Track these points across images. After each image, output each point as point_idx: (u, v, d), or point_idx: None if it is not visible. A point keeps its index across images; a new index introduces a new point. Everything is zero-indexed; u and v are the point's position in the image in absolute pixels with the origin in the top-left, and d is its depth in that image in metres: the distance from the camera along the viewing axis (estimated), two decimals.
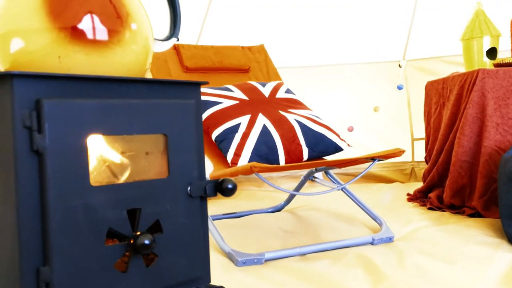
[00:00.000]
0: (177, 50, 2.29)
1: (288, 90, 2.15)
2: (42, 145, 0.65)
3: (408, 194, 2.44)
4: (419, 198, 2.30)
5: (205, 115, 1.91)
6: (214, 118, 1.90)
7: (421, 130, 2.59)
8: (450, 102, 2.13)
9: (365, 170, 1.70)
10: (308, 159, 1.92)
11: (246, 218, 2.15)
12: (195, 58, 2.29)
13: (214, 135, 1.86)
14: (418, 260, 1.43)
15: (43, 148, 0.65)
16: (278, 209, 2.30)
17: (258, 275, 1.37)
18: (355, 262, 1.46)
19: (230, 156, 1.77)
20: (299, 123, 1.92)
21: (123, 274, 0.72)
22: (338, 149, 1.96)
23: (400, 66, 3.02)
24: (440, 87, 2.27)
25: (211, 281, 0.86)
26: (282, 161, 1.83)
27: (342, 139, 1.98)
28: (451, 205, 2.07)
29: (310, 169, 2.02)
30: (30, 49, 0.74)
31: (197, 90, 0.82)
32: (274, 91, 2.09)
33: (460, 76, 2.10)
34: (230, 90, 2.03)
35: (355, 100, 3.01)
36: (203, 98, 1.94)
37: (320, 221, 2.01)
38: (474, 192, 1.98)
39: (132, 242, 0.72)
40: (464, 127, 1.99)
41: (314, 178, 2.13)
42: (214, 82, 2.26)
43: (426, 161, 2.39)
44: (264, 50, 2.48)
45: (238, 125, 1.86)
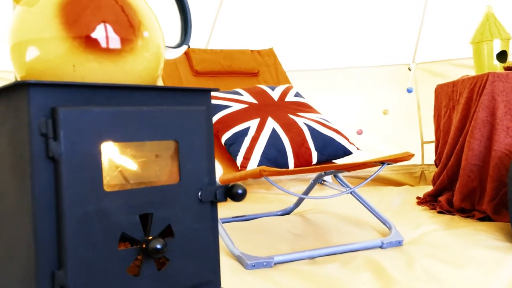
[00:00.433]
0: (187, 54, 2.31)
1: (297, 94, 2.16)
2: (57, 152, 0.67)
3: (417, 198, 2.43)
4: (429, 201, 2.30)
5: (215, 119, 1.93)
6: (223, 122, 1.91)
7: (431, 133, 2.59)
8: (460, 105, 2.13)
9: (374, 174, 1.70)
10: (317, 163, 1.93)
11: (255, 221, 2.16)
12: (205, 62, 2.31)
13: (224, 139, 1.88)
14: (427, 264, 1.43)
15: (59, 154, 0.67)
16: (287, 212, 2.31)
17: (267, 278, 1.38)
18: (364, 266, 1.46)
19: (239, 159, 1.79)
20: (308, 127, 1.93)
21: (136, 278, 0.74)
22: (347, 152, 1.96)
23: (409, 69, 3.02)
24: (450, 90, 2.27)
25: (221, 284, 0.87)
26: (291, 164, 1.84)
27: (351, 143, 1.99)
28: (461, 208, 2.06)
29: (319, 172, 2.03)
30: (45, 57, 0.76)
31: (207, 96, 0.84)
32: (283, 95, 2.10)
33: (470, 79, 2.10)
34: (239, 94, 2.04)
35: (365, 103, 3.01)
36: (213, 102, 1.96)
37: (329, 224, 2.02)
38: (484, 195, 1.97)
39: (144, 246, 0.74)
40: (474, 131, 1.99)
41: (323, 182, 2.13)
42: (224, 85, 2.28)
43: (436, 164, 2.39)
44: (273, 54, 2.50)
45: (248, 128, 1.87)
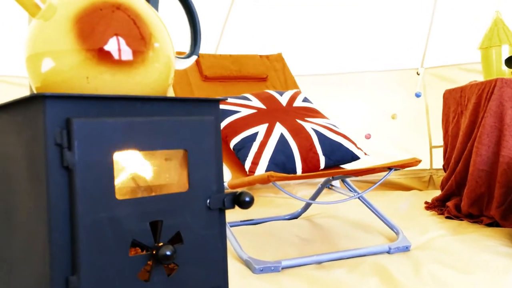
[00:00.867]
0: (196, 59, 2.34)
1: (305, 99, 2.18)
2: (71, 161, 0.69)
3: (426, 203, 2.44)
4: (437, 206, 2.30)
5: (223, 124, 1.95)
6: (232, 127, 1.94)
7: (439, 138, 2.59)
8: (468, 111, 2.13)
9: (381, 180, 1.71)
10: (325, 168, 1.94)
11: (263, 225, 2.18)
12: (214, 67, 2.33)
13: (232, 144, 1.90)
14: (434, 269, 1.43)
15: (73, 164, 0.69)
16: (295, 216, 2.33)
17: (275, 283, 1.40)
18: (371, 271, 1.47)
19: (248, 164, 1.81)
20: (316, 132, 1.95)
21: (146, 283, 0.76)
22: (355, 157, 1.98)
23: (418, 74, 3.02)
24: (458, 96, 2.27)
25: None
26: (299, 169, 1.86)
27: (358, 148, 2.00)
28: (469, 214, 2.06)
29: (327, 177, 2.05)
30: (60, 69, 0.79)
31: (216, 106, 0.86)
32: (292, 100, 2.12)
33: (478, 85, 2.10)
34: (248, 99, 2.06)
35: (373, 107, 3.02)
36: (222, 107, 1.99)
37: (336, 229, 2.03)
38: (492, 201, 1.97)
39: (154, 252, 0.76)
40: (482, 136, 1.99)
41: (331, 186, 2.15)
42: (233, 90, 2.30)
43: (444, 169, 2.39)
44: (282, 59, 2.51)
45: (256, 134, 1.89)
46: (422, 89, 3.02)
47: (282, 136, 1.89)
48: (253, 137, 1.88)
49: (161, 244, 0.77)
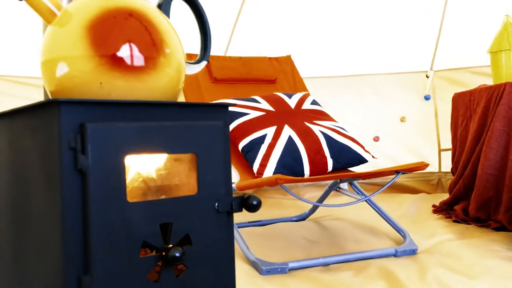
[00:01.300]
0: None
1: (313, 102, 2.19)
2: (85, 164, 0.71)
3: (433, 206, 2.44)
4: (445, 210, 2.30)
5: (232, 126, 1.97)
6: (241, 129, 1.95)
7: (448, 141, 2.58)
8: (477, 114, 2.13)
9: (388, 183, 1.72)
10: (332, 170, 1.96)
11: (271, 226, 2.20)
12: (224, 69, 2.36)
13: (241, 146, 1.92)
14: (440, 274, 1.44)
15: (86, 167, 0.71)
16: (302, 218, 2.34)
17: (282, 285, 1.41)
18: (378, 274, 1.48)
19: (256, 166, 1.82)
20: (324, 135, 1.96)
21: (155, 284, 0.78)
22: (363, 160, 1.99)
23: (427, 77, 3.02)
24: (467, 99, 2.27)
25: None
26: (307, 171, 1.87)
27: (366, 151, 2.01)
28: (477, 218, 2.06)
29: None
30: (74, 74, 0.81)
31: (225, 112, 0.88)
32: (300, 103, 2.14)
33: (487, 89, 2.10)
34: (257, 102, 2.08)
35: (382, 110, 3.02)
36: (232, 109, 2.01)
37: (344, 231, 2.04)
38: (500, 205, 1.97)
39: (164, 254, 0.78)
40: (490, 141, 1.99)
41: (339, 188, 2.16)
42: (242, 92, 2.32)
43: (453, 172, 2.39)
44: (291, 61, 2.53)
45: (264, 136, 1.91)
46: (431, 92, 3.01)
47: (290, 138, 1.91)
48: (261, 139, 1.90)
49: (170, 246, 0.79)
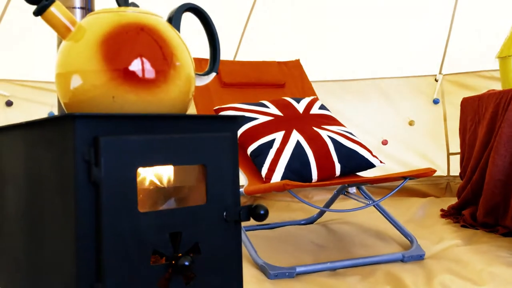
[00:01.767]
0: None
1: (322, 106, 2.21)
2: (98, 176, 0.74)
3: (441, 210, 2.44)
4: (453, 214, 2.30)
5: (241, 130, 1.99)
6: (250, 134, 1.98)
7: (457, 144, 2.58)
8: (485, 120, 2.13)
9: (396, 189, 1.73)
10: (340, 175, 1.97)
11: (279, 229, 2.22)
12: (233, 74, 2.38)
13: (250, 150, 1.94)
14: (447, 280, 1.45)
15: (99, 179, 0.74)
16: (310, 221, 2.36)
17: None
18: (384, 279, 1.50)
19: (264, 171, 1.85)
20: (332, 140, 1.98)
21: None
22: (370, 165, 2.00)
23: (436, 81, 3.02)
24: (475, 104, 2.27)
25: None
26: (315, 176, 1.89)
27: (374, 156, 2.02)
28: (485, 223, 2.07)
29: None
30: (87, 88, 0.84)
31: (233, 124, 0.90)
32: (308, 107, 2.15)
33: (495, 94, 2.10)
34: (265, 106, 2.10)
35: (390, 113, 3.03)
36: (241, 113, 2.03)
37: (351, 235, 2.06)
38: (508, 211, 1.97)
39: (173, 262, 0.80)
40: (498, 146, 1.99)
41: (346, 193, 2.17)
42: (251, 97, 2.34)
43: (461, 177, 2.39)
44: (299, 65, 2.55)
45: (273, 141, 1.93)
46: (440, 95, 3.01)
47: (298, 143, 1.93)
48: (270, 144, 1.92)
49: (180, 254, 0.81)
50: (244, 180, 1.89)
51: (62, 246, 0.78)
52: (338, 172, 1.94)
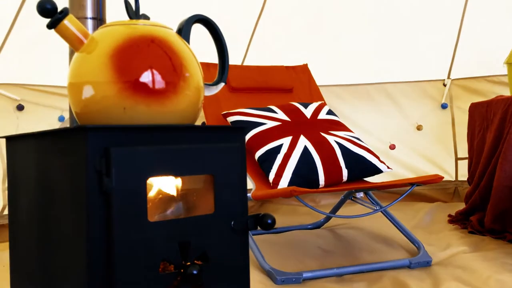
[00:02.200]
0: None
1: (329, 112, 2.22)
2: (109, 186, 0.76)
3: (449, 216, 2.44)
4: (460, 220, 2.30)
5: (249, 136, 2.01)
6: (257, 139, 1.99)
7: (465, 149, 2.58)
8: (493, 125, 2.13)
9: (403, 195, 1.74)
10: (347, 180, 1.98)
11: (286, 234, 2.23)
12: (241, 79, 2.39)
13: (257, 155, 1.96)
14: (454, 287, 1.45)
15: (110, 189, 0.76)
16: (317, 225, 2.37)
17: None
18: (391, 285, 1.50)
19: (271, 176, 1.86)
20: (339, 145, 1.98)
21: None
22: (378, 171, 2.00)
23: (444, 85, 3.01)
24: (484, 110, 2.27)
25: None
26: (322, 181, 1.90)
27: (381, 161, 2.03)
28: (492, 229, 2.06)
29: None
30: (98, 99, 0.86)
31: (241, 134, 0.92)
32: (316, 113, 2.16)
33: (504, 100, 2.10)
34: (273, 111, 2.11)
35: (398, 118, 3.02)
36: (248, 119, 2.04)
37: (358, 241, 2.06)
38: None
39: (182, 271, 0.82)
40: (506, 152, 1.99)
41: (354, 198, 2.18)
42: (259, 102, 2.35)
43: (469, 182, 2.39)
44: (307, 70, 2.55)
45: (280, 146, 1.94)
46: (448, 100, 3.01)
47: (305, 148, 1.93)
48: (277, 149, 1.93)
49: (188, 263, 0.83)
50: (251, 184, 1.90)
51: (73, 254, 0.80)
52: (345, 177, 1.95)
